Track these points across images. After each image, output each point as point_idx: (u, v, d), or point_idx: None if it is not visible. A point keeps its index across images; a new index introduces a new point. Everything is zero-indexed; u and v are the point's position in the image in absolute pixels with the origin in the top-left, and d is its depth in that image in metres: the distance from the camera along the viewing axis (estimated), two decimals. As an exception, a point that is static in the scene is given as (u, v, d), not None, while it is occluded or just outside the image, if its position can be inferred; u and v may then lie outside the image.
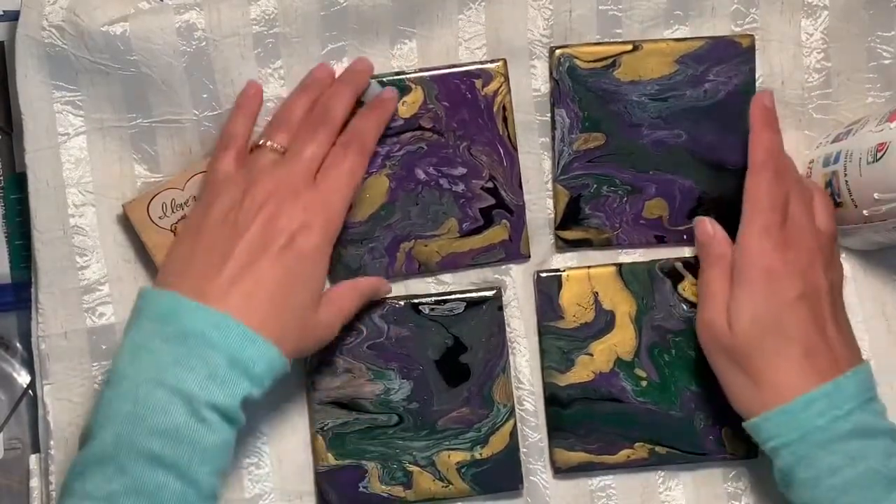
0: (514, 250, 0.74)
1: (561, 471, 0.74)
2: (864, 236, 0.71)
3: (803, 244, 0.68)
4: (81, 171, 0.72)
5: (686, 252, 0.74)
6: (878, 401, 0.67)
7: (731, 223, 0.71)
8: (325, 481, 0.72)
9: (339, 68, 0.73)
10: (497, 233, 0.73)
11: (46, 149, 0.71)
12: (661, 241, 0.74)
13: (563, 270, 0.74)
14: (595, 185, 0.73)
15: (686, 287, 0.73)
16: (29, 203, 0.71)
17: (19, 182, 0.73)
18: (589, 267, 0.74)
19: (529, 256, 0.74)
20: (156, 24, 0.69)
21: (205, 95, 0.71)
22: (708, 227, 0.71)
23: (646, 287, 0.73)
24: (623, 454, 0.73)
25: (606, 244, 0.74)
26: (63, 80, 0.71)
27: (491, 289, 0.73)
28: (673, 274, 0.73)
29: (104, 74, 0.71)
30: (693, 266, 0.73)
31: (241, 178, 0.67)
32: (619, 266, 0.74)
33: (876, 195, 0.66)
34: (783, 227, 0.67)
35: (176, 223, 0.71)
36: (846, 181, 0.69)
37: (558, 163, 0.73)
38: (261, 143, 0.68)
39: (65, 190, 0.71)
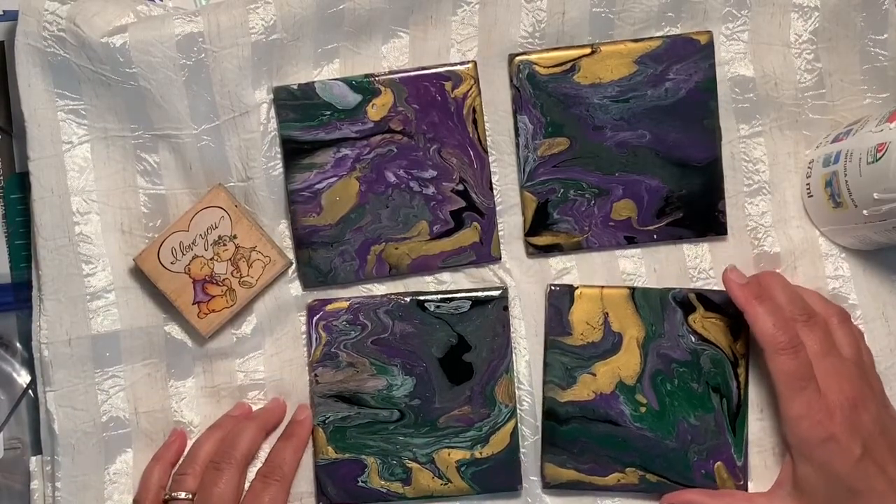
0: (485, 253, 0.74)
1: (550, 486, 0.73)
2: (864, 236, 0.71)
3: (844, 394, 0.66)
4: (85, 180, 0.72)
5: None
6: None
7: (698, 220, 0.73)
8: (325, 474, 0.72)
9: (330, 69, 0.73)
10: (468, 235, 0.73)
11: (51, 156, 0.72)
12: (631, 241, 0.74)
13: (577, 287, 0.73)
14: (562, 190, 0.73)
15: (697, 319, 0.73)
16: (31, 206, 0.72)
17: (19, 182, 0.74)
18: (602, 287, 0.73)
19: (500, 258, 0.74)
20: (155, 36, 0.70)
21: (202, 108, 0.72)
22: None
23: (657, 314, 0.73)
24: (613, 477, 0.72)
25: (576, 248, 0.74)
26: (67, 88, 0.72)
27: (497, 288, 0.73)
28: (685, 304, 0.73)
29: (106, 86, 0.71)
30: (706, 299, 0.73)
31: None
32: (633, 290, 0.73)
33: (876, 195, 0.65)
34: (818, 393, 0.66)
35: (188, 264, 0.71)
36: (846, 181, 0.68)
37: (524, 169, 0.73)
38: (169, 496, 0.70)
39: (69, 198, 0.72)
